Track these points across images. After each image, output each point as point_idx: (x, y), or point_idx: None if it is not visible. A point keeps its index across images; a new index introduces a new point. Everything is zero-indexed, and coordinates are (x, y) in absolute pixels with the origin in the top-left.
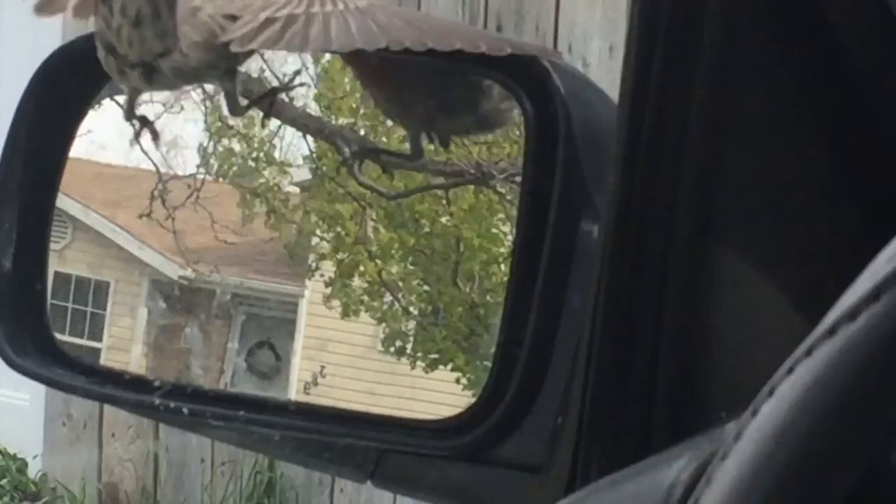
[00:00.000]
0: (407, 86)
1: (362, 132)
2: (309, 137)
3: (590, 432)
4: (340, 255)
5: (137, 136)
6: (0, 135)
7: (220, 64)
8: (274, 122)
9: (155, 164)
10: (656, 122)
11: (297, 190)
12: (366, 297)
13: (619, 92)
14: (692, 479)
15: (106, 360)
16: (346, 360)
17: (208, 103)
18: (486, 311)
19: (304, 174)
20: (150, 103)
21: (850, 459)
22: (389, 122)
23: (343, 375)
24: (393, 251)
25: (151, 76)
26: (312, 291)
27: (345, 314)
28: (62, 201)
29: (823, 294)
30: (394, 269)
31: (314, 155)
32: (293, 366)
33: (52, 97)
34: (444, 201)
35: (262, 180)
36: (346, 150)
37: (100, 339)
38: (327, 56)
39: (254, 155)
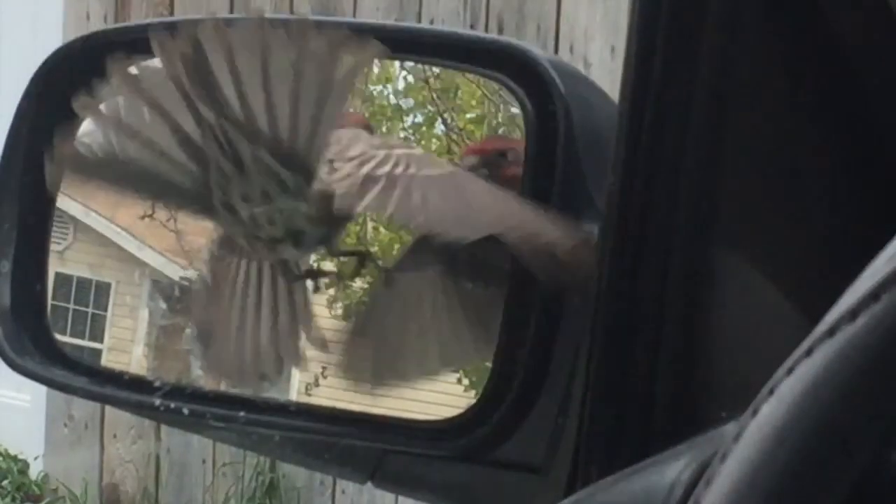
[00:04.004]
0: None
1: None
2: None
3: (590, 433)
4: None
5: None
6: (0, 135)
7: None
8: None
9: None
10: (657, 122)
11: None
12: (367, 298)
13: (619, 92)
14: (692, 480)
15: (107, 360)
16: None
17: None
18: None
19: None
20: None
21: (850, 460)
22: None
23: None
24: (394, 251)
25: (300, 241)
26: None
27: (346, 315)
28: (63, 202)
29: (824, 294)
30: None
31: None
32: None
33: (53, 97)
34: None
35: None
36: None
37: (101, 340)
38: None
39: None
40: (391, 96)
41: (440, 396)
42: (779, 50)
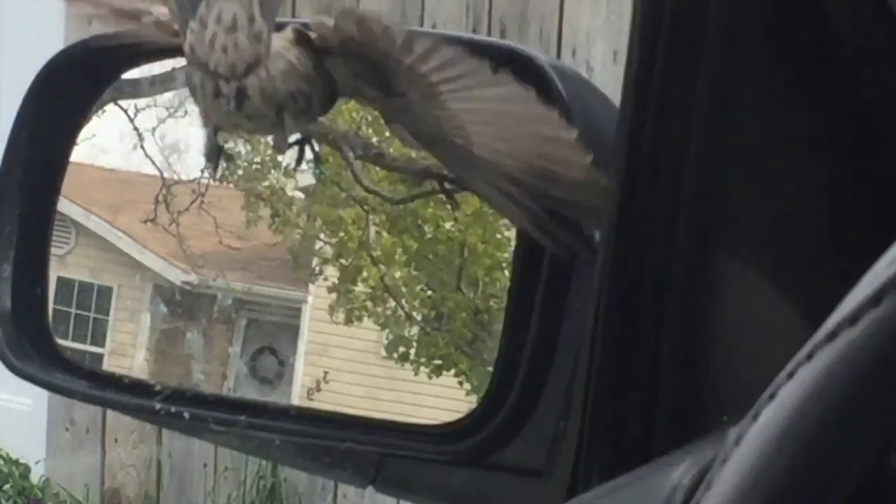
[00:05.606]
0: None
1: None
2: (313, 141)
3: (591, 436)
4: (343, 260)
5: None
6: (1, 137)
7: (300, 99)
8: None
9: (158, 169)
10: (658, 127)
11: (302, 194)
12: (369, 303)
13: (621, 95)
14: (693, 484)
15: (108, 365)
16: (349, 365)
17: None
18: (490, 317)
19: (308, 178)
20: (154, 107)
21: (850, 463)
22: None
23: (345, 381)
24: (396, 256)
25: (242, 103)
26: (315, 297)
27: (348, 320)
28: (65, 206)
29: (825, 298)
30: (397, 274)
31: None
32: (296, 371)
33: (54, 100)
34: (448, 206)
35: (266, 184)
36: (351, 155)
37: (102, 345)
38: None
39: (258, 159)
40: None
41: (442, 402)
42: (780, 53)
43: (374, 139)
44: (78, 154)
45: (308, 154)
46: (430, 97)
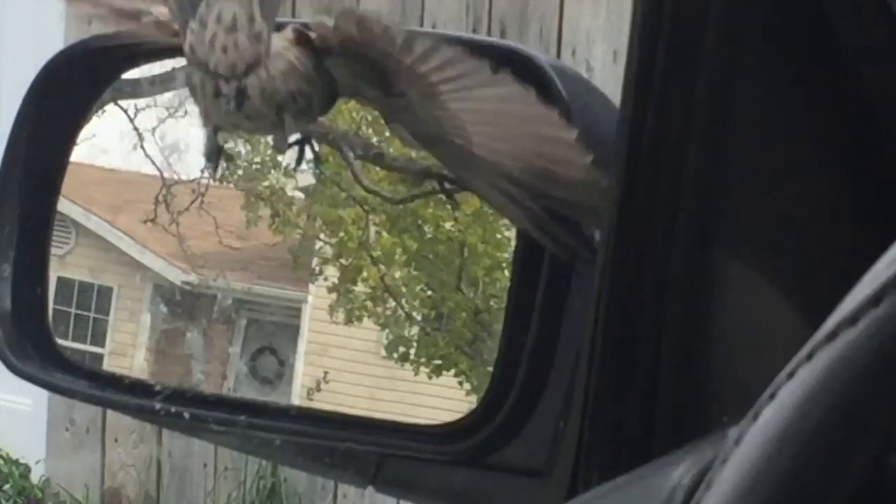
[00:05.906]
0: None
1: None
2: (313, 141)
3: (591, 437)
4: (343, 260)
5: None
6: (1, 138)
7: (300, 99)
8: None
9: (158, 169)
10: (658, 127)
11: (302, 194)
12: (369, 303)
13: (621, 96)
14: (693, 484)
15: (108, 365)
16: (349, 365)
17: None
18: (490, 317)
19: (308, 178)
20: (154, 107)
21: (850, 463)
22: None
23: (345, 381)
24: (396, 256)
25: (242, 103)
26: (315, 297)
27: (348, 320)
28: (65, 206)
29: (825, 299)
30: (397, 275)
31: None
32: (296, 371)
33: (54, 100)
34: (448, 206)
35: (266, 184)
36: (351, 155)
37: (102, 345)
38: None
39: (258, 159)
40: None
41: (442, 402)
42: (780, 53)
43: (374, 139)
44: (78, 154)
45: (308, 154)
46: (430, 97)
